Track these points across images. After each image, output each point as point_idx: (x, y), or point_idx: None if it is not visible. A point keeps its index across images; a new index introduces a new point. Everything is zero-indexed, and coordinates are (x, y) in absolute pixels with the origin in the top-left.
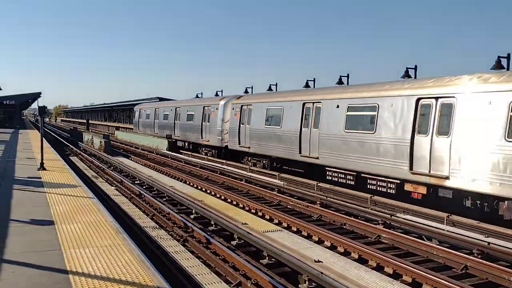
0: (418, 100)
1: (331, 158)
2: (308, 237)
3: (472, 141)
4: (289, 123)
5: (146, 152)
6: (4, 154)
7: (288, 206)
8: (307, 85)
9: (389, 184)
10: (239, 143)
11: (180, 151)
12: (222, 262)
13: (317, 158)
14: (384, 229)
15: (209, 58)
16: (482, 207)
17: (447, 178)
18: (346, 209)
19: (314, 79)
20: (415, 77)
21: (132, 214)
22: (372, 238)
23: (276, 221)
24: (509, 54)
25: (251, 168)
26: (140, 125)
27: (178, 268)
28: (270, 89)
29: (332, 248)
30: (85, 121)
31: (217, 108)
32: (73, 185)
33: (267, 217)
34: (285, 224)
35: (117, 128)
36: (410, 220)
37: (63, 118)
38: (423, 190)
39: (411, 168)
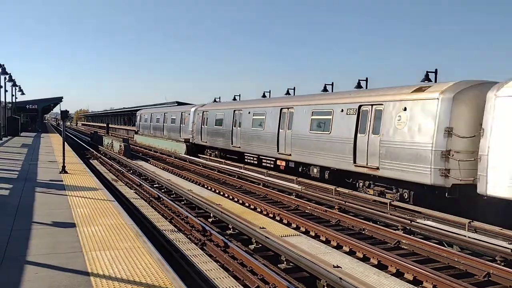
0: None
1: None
2: (327, 242)
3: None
4: (226, 123)
5: (164, 155)
6: (27, 158)
7: (306, 211)
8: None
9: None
10: (201, 139)
11: (198, 155)
12: (240, 266)
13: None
14: (404, 234)
15: (228, 64)
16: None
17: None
18: (365, 214)
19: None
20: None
21: (151, 217)
22: (391, 243)
23: (294, 225)
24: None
25: (269, 172)
26: (141, 127)
27: (196, 271)
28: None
29: (351, 253)
30: (105, 125)
31: (189, 114)
32: (94, 188)
33: (285, 221)
34: (303, 229)
35: (136, 132)
36: (430, 226)
37: (83, 122)
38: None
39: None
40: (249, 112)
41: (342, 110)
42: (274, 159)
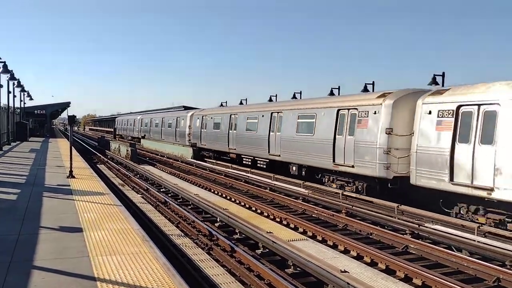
0: (338, 110)
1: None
2: (334, 246)
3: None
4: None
5: (171, 160)
6: (35, 162)
7: (313, 215)
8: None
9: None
10: (201, 142)
11: (205, 159)
12: (247, 271)
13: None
14: (412, 239)
15: (233, 69)
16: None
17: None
18: (373, 219)
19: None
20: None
21: (158, 222)
22: (399, 248)
23: (301, 230)
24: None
25: (276, 176)
26: (142, 131)
27: (203, 276)
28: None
29: (359, 258)
30: (112, 129)
31: (183, 119)
32: (101, 192)
33: (292, 226)
34: (310, 233)
35: (143, 137)
36: (439, 230)
37: (91, 127)
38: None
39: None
40: (244, 117)
41: (323, 114)
42: (266, 160)
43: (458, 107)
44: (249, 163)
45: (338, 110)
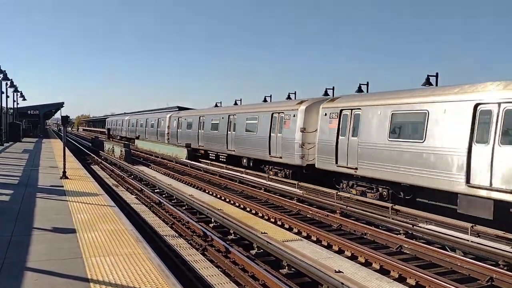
0: (272, 114)
1: (241, 150)
2: (328, 246)
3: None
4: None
5: (165, 161)
6: (28, 163)
7: (308, 215)
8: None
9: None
10: (177, 141)
11: (199, 159)
12: (242, 272)
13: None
14: (406, 239)
15: (229, 69)
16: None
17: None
18: (367, 219)
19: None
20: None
21: (152, 222)
22: (393, 248)
23: (295, 230)
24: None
25: (271, 177)
26: (129, 131)
27: (197, 277)
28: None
29: (353, 258)
30: (104, 130)
31: (163, 120)
32: (95, 193)
33: (286, 226)
34: (304, 234)
35: (137, 137)
36: (432, 230)
37: (85, 128)
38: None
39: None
40: (210, 119)
41: (263, 117)
42: (226, 154)
43: (341, 111)
44: (214, 157)
45: (272, 114)
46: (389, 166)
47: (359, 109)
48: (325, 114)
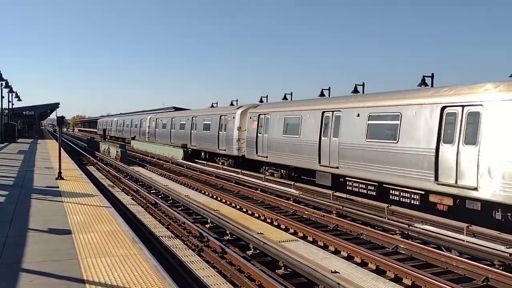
0: (220, 116)
1: (200, 145)
2: (325, 247)
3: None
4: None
5: (161, 161)
6: (23, 164)
7: (304, 216)
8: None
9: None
10: (155, 138)
11: (195, 160)
12: (238, 272)
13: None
14: (402, 239)
15: (223, 70)
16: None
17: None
18: (363, 219)
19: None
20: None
21: (148, 223)
22: (389, 248)
23: (292, 230)
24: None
25: (267, 177)
26: (117, 131)
27: (193, 278)
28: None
29: (349, 258)
30: (97, 130)
31: (144, 121)
32: (90, 194)
33: (282, 226)
34: (301, 234)
35: (133, 138)
36: (428, 230)
37: (80, 128)
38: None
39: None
40: (179, 120)
41: (213, 118)
42: (191, 149)
43: (259, 115)
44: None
45: (220, 116)
46: (285, 154)
47: (268, 114)
48: (250, 117)
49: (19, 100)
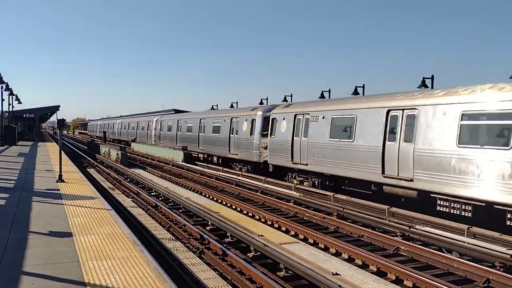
0: (231, 118)
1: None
2: (325, 249)
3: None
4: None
5: (162, 163)
6: (23, 167)
7: (305, 218)
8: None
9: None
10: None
11: (196, 162)
12: (239, 275)
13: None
14: (403, 241)
15: (224, 72)
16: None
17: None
18: (364, 221)
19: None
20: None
21: (149, 225)
22: (390, 250)
23: (292, 233)
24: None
25: (267, 179)
26: (92, 131)
27: (194, 280)
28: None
29: (350, 260)
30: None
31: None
32: (91, 197)
33: (283, 229)
34: (301, 236)
35: (133, 140)
36: (429, 232)
37: (80, 131)
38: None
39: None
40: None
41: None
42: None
43: (295, 115)
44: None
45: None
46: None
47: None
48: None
49: (20, 103)
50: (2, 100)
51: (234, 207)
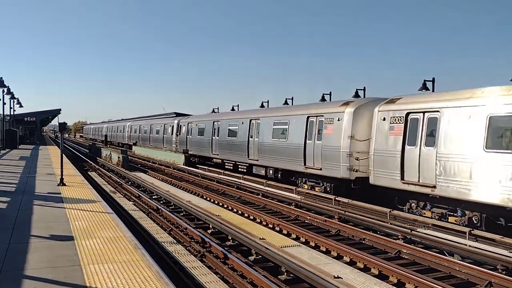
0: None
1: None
2: (327, 252)
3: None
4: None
5: (163, 167)
6: (25, 170)
7: (306, 221)
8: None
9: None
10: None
11: (197, 165)
12: (240, 278)
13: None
14: (405, 244)
15: (226, 74)
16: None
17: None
18: (365, 224)
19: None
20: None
21: (150, 229)
22: (392, 253)
23: (293, 236)
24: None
25: (268, 182)
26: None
27: (196, 284)
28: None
29: (352, 263)
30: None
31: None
32: (92, 200)
33: (284, 232)
34: (303, 239)
35: (134, 143)
36: (431, 235)
37: (82, 134)
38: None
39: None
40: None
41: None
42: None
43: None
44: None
45: (308, 117)
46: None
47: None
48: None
49: (21, 106)
50: (4, 103)
51: (235, 210)
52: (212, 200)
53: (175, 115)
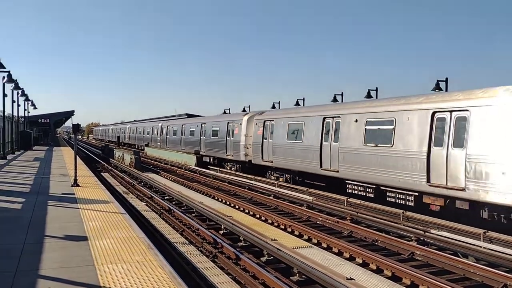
0: (227, 122)
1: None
2: (339, 253)
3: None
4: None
5: (175, 168)
6: (39, 171)
7: (318, 222)
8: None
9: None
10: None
11: (208, 166)
12: (252, 279)
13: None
14: (418, 245)
15: (234, 75)
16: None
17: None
18: (378, 225)
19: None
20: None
21: (162, 229)
22: (405, 255)
23: (305, 237)
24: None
25: (280, 183)
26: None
27: (208, 284)
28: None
29: (364, 265)
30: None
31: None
32: (105, 201)
33: (296, 233)
34: (315, 240)
35: (147, 145)
36: (444, 237)
37: (94, 136)
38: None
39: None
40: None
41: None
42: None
43: (264, 122)
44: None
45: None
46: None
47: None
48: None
49: (35, 108)
50: (18, 105)
51: (247, 211)
52: (223, 201)
53: (186, 116)
